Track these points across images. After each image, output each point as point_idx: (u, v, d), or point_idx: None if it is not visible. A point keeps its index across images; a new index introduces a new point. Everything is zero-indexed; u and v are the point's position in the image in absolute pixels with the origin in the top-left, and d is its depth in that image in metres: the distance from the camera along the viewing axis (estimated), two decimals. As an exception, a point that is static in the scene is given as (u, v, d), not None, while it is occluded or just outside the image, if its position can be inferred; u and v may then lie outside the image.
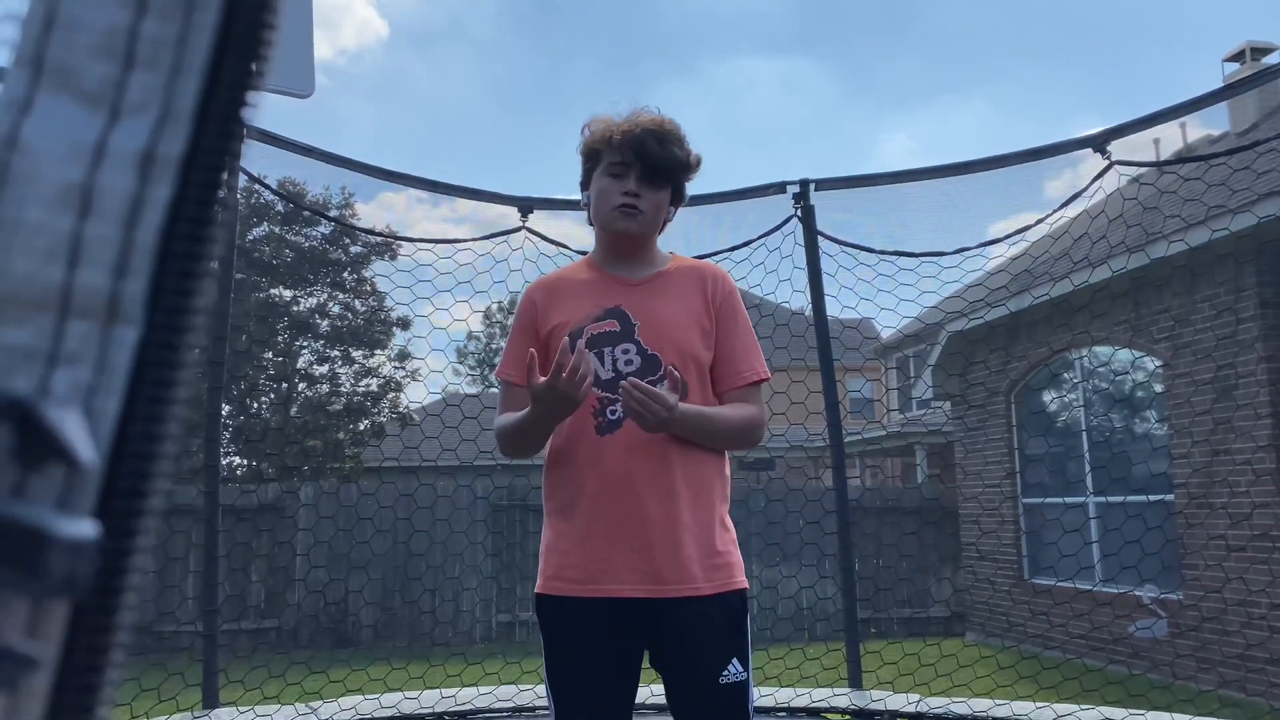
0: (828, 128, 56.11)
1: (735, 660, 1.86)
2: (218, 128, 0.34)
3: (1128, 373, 8.43)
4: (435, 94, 53.08)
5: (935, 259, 4.48)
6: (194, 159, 0.34)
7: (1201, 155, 4.69)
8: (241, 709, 4.11)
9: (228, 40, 0.34)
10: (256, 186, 10.00)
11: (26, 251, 0.32)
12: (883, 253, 4.51)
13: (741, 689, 1.86)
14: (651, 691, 4.54)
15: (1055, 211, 4.07)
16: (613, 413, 1.91)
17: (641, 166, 1.96)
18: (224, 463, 13.61)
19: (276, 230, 13.66)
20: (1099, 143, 4.18)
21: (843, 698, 4.46)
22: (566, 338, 1.86)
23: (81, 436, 0.31)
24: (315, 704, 4.27)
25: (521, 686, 4.50)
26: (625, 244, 2.03)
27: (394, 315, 13.63)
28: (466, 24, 53.02)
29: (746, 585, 1.96)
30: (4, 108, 0.33)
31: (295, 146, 4.43)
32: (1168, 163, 4.29)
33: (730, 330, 2.02)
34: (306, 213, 12.82)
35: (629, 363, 1.94)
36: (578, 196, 2.16)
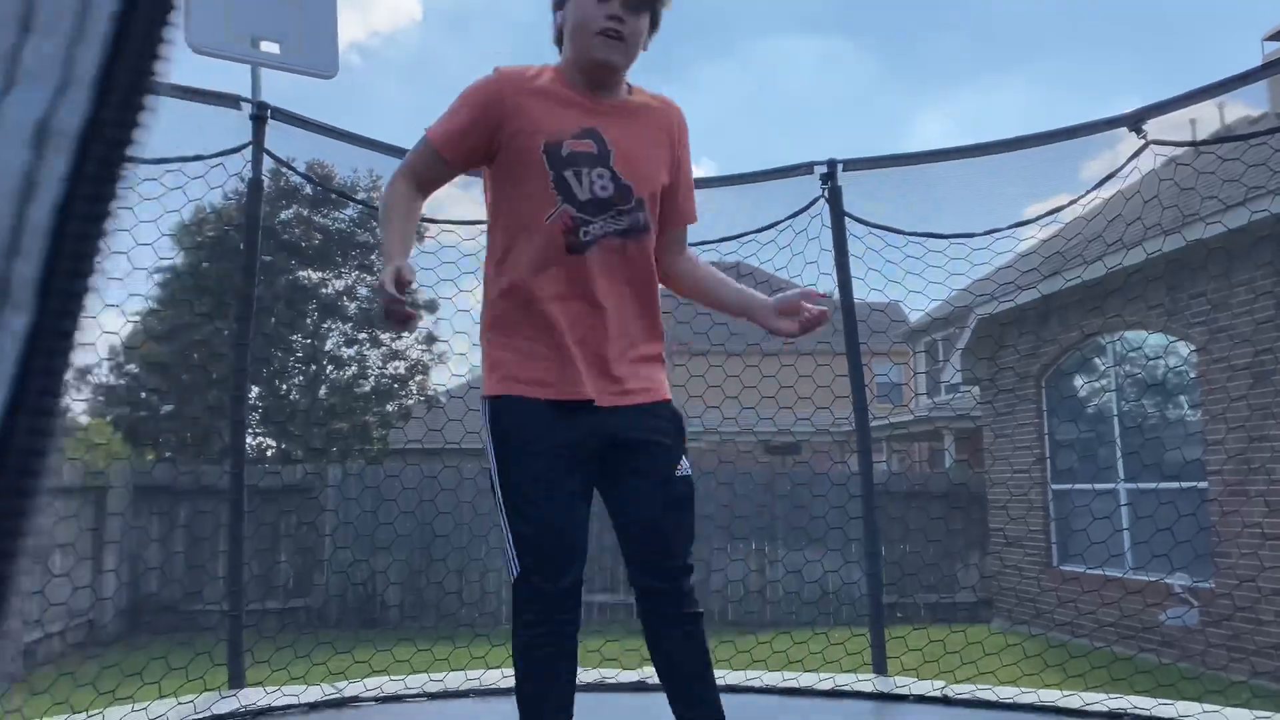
0: (865, 107, 55.67)
1: (684, 458, 2.08)
2: (122, 98, 0.32)
3: (1160, 357, 8.30)
4: (469, 75, 53.10)
5: (965, 241, 4.40)
6: (95, 131, 0.32)
7: (1240, 135, 4.58)
8: (268, 689, 4.14)
9: (134, 4, 0.32)
10: (284, 169, 10.03)
11: None
12: (911, 234, 4.45)
13: (690, 481, 2.08)
14: (641, 674, 4.54)
15: (1088, 193, 3.99)
16: (584, 234, 1.95)
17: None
18: (253, 444, 13.75)
19: (305, 212, 13.71)
20: (1134, 122, 4.09)
21: (866, 683, 4.43)
22: (541, 145, 1.93)
23: None
24: (341, 684, 4.29)
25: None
26: (604, 73, 2.02)
27: (421, 298, 13.66)
28: (501, 5, 52.87)
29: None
30: None
31: (321, 128, 4.41)
32: (1205, 142, 4.19)
33: (685, 171, 2.18)
34: (335, 195, 12.87)
35: (604, 188, 1.97)
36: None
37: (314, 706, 4.08)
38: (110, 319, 4.55)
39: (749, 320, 2.23)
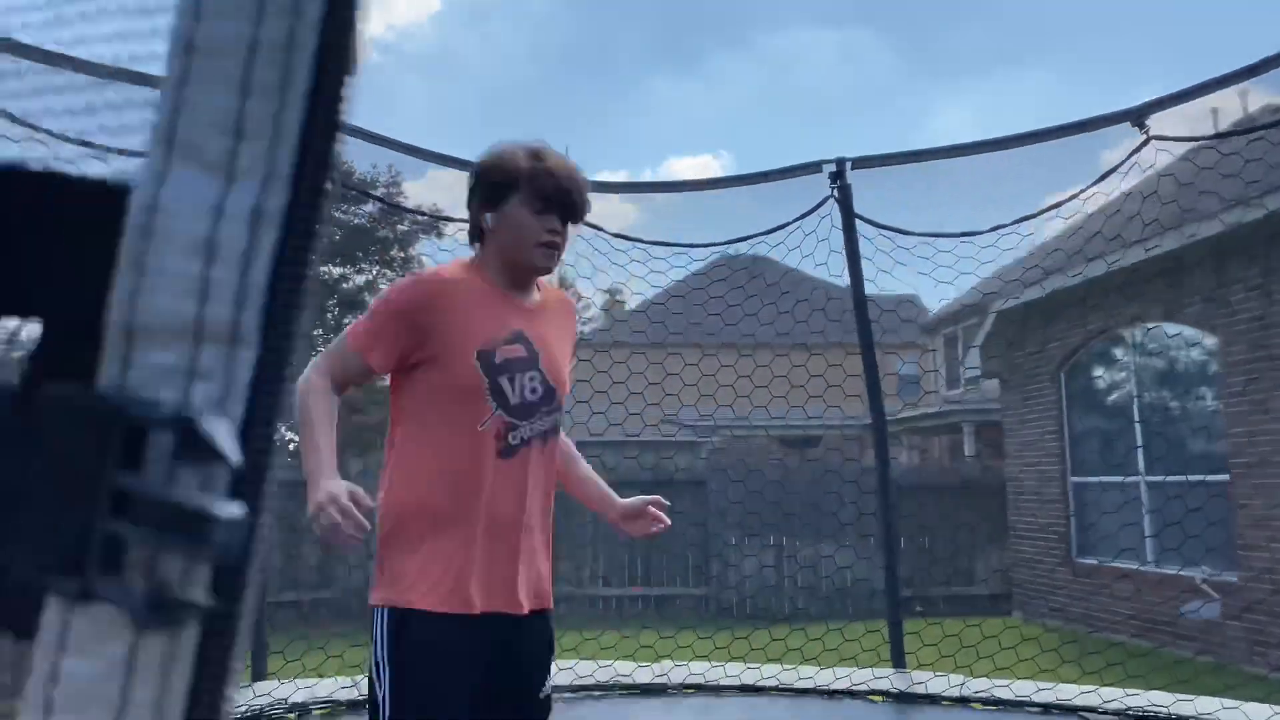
0: (883, 100, 55.23)
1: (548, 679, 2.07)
2: (309, 185, 0.43)
3: (1180, 349, 8.24)
4: (486, 68, 53.02)
5: (972, 238, 4.39)
6: (292, 212, 0.43)
7: (1244, 129, 4.54)
8: (283, 680, 4.19)
9: (314, 113, 0.43)
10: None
11: (168, 291, 0.42)
12: (919, 234, 4.44)
13: (550, 703, 2.06)
14: (617, 671, 4.55)
15: (1089, 187, 3.98)
16: (514, 439, 1.96)
17: (565, 213, 2.02)
18: (275, 436, 13.86)
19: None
20: (1137, 116, 4.06)
21: (884, 680, 4.44)
22: (476, 355, 1.92)
23: (230, 442, 0.41)
24: (358, 678, 4.34)
25: (561, 664, 4.53)
26: (530, 276, 2.07)
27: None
28: (518, -1, 52.71)
29: None
30: (147, 179, 0.42)
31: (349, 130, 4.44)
32: (1207, 137, 4.16)
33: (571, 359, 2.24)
34: (353, 191, 12.93)
35: (534, 391, 2.00)
36: (619, 178, 2.15)
37: (331, 700, 4.13)
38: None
39: (604, 519, 2.30)
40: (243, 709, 3.92)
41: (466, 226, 2.14)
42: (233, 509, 0.40)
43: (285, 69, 0.42)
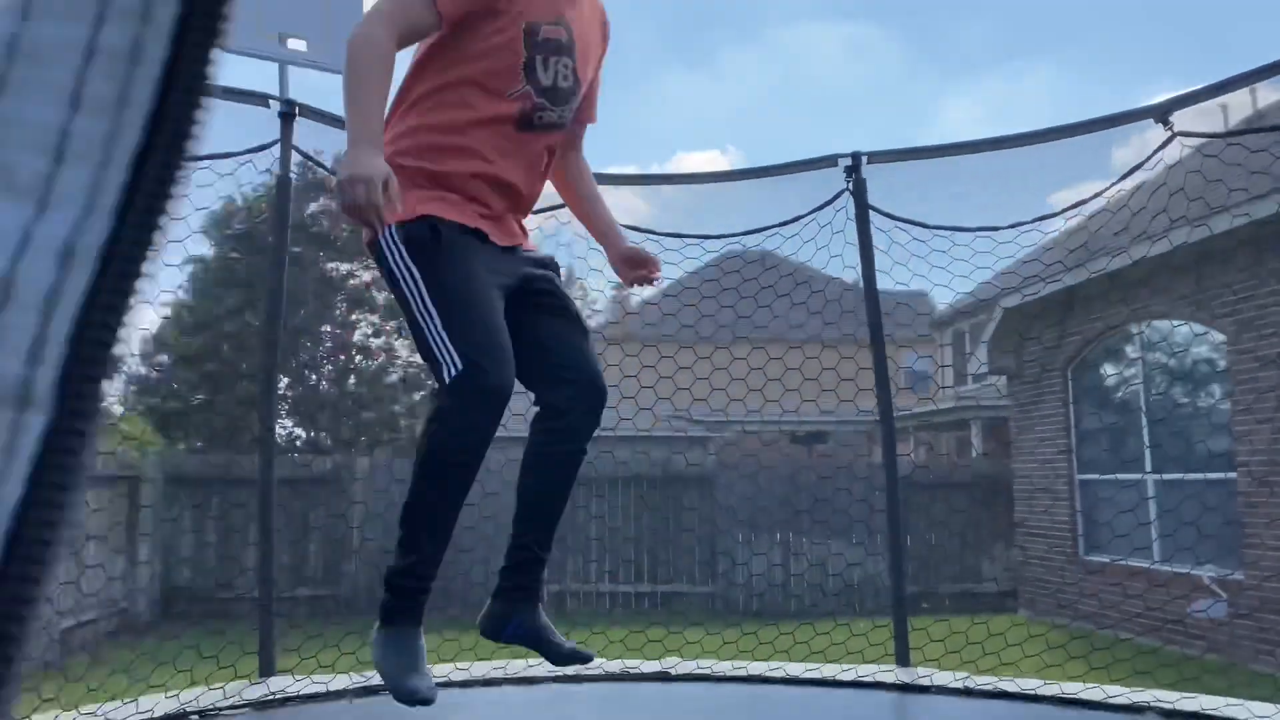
0: (893, 94, 55.06)
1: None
2: (139, 220, 0.36)
3: (1189, 348, 8.22)
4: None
5: (990, 234, 4.39)
6: (113, 251, 0.36)
7: (1267, 127, 4.53)
8: (297, 677, 4.22)
9: (156, 136, 0.36)
10: (311, 163, 10.10)
11: None
12: (936, 228, 4.44)
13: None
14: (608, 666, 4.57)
15: (1113, 185, 3.97)
16: (538, 119, 1.99)
17: None
18: (283, 434, 13.91)
19: (333, 205, 13.84)
20: (1162, 113, 4.06)
21: (889, 674, 4.45)
22: (523, 25, 1.93)
23: None
24: (369, 673, 4.37)
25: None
26: None
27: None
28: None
29: None
30: None
31: (333, 120, 4.46)
32: (1232, 134, 4.16)
33: (599, 73, 2.25)
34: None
35: (565, 79, 2.01)
36: (631, 169, 2.18)
37: (342, 694, 4.16)
38: (143, 312, 4.66)
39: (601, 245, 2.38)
40: (253, 702, 3.95)
41: None
42: None
43: (125, 83, 0.36)
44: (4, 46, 0.35)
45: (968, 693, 4.24)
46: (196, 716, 3.84)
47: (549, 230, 4.77)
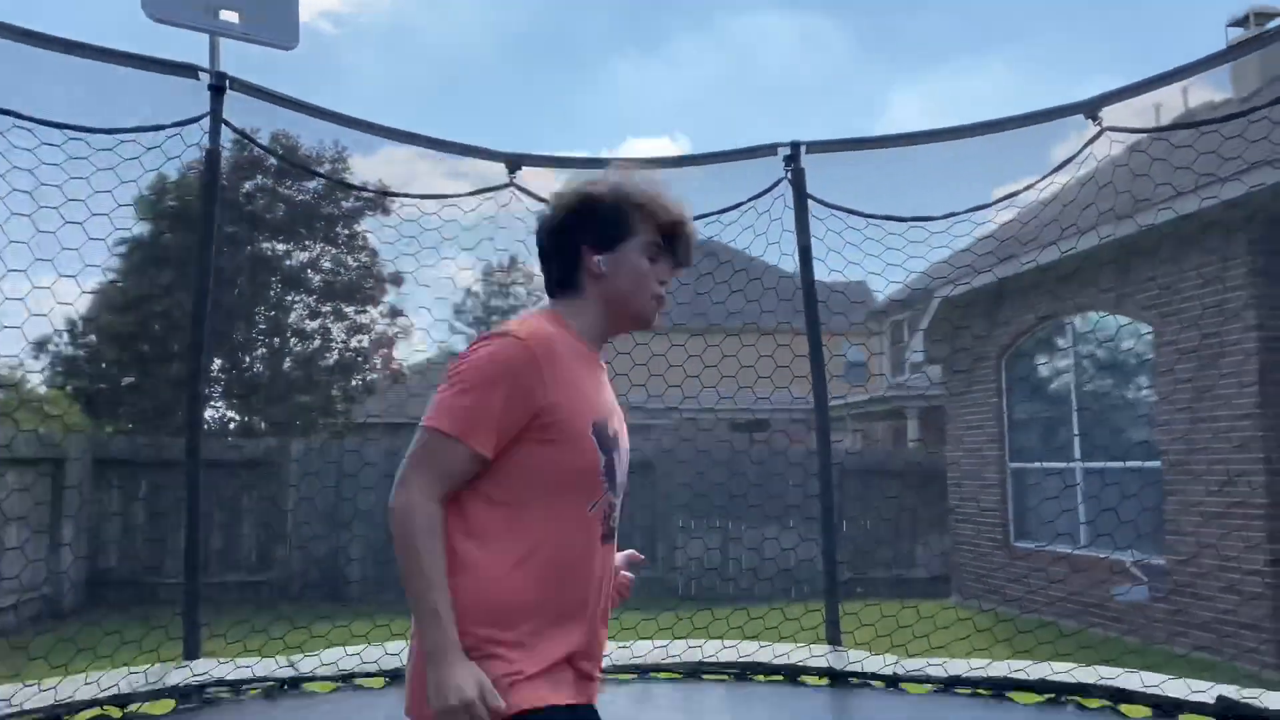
0: (843, 86, 55.30)
1: None
2: None
3: (1114, 339, 8.44)
4: (444, 44, 52.09)
5: (924, 224, 4.46)
6: None
7: (1193, 122, 4.66)
8: (222, 660, 4.15)
9: None
10: (244, 140, 9.86)
11: None
12: (871, 216, 4.50)
13: None
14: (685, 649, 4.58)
15: (1043, 179, 4.06)
16: (612, 521, 1.72)
17: (677, 263, 1.80)
18: (215, 417, 13.62)
19: (269, 184, 13.55)
20: (1090, 109, 4.15)
21: (821, 658, 4.52)
22: (591, 428, 1.64)
23: None
24: (296, 657, 4.31)
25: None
26: (631, 331, 1.82)
27: (386, 271, 13.59)
28: (477, -29, 51.84)
29: None
30: None
31: (282, 100, 4.37)
32: (1159, 129, 4.27)
33: None
34: (293, 167, 12.72)
35: (623, 473, 1.75)
36: (567, 153, 2.02)
37: (269, 679, 4.09)
38: (67, 289, 4.53)
39: None
40: (177, 686, 3.87)
41: (408, 203, 1.95)
42: None
43: None
44: None
45: (895, 676, 4.31)
46: (119, 700, 3.75)
47: (487, 212, 4.74)
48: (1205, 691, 3.95)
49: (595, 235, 1.73)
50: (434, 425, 1.57)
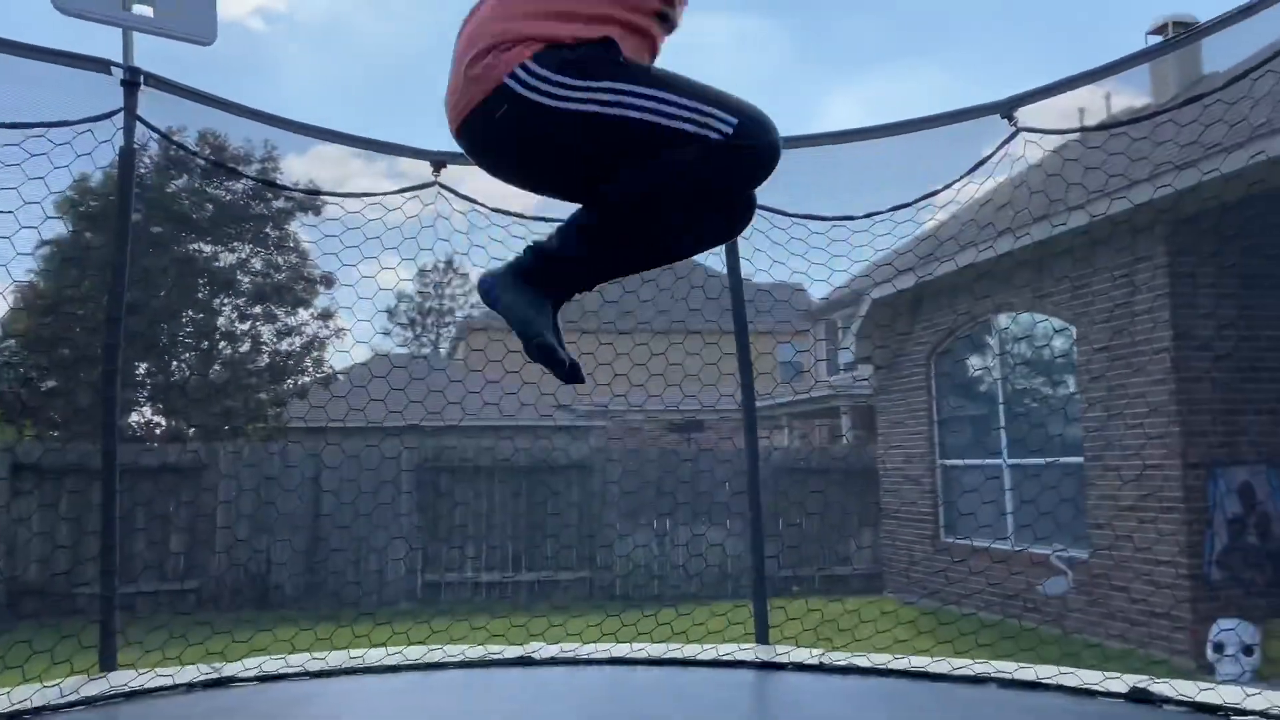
0: (782, 88, 55.73)
1: None
2: None
3: (1041, 338, 8.66)
4: (384, 44, 51.43)
5: (846, 223, 4.52)
6: None
7: (1103, 125, 4.81)
8: (140, 671, 4.05)
9: None
10: (155, 137, 9.62)
11: None
12: (794, 216, 4.55)
13: None
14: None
15: (958, 181, 4.15)
16: (673, 15, 1.85)
17: None
18: (140, 422, 13.29)
19: (197, 183, 13.26)
20: (1007, 109, 4.24)
21: (748, 651, 4.56)
22: None
23: None
24: (219, 664, 4.22)
25: (431, 646, 4.50)
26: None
27: (317, 273, 13.39)
28: (414, -33, 51.22)
29: None
30: None
31: (200, 96, 4.28)
32: (1073, 130, 4.39)
33: None
34: (207, 163, 12.47)
35: None
36: None
37: (190, 687, 4.01)
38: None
39: None
40: (92, 698, 3.77)
41: (329, 202, 1.94)
42: None
43: None
44: None
45: (821, 667, 4.38)
46: (30, 714, 3.64)
47: (427, 219, 4.70)
48: (1118, 679, 4.07)
49: None
50: None
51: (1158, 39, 11.35)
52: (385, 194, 4.58)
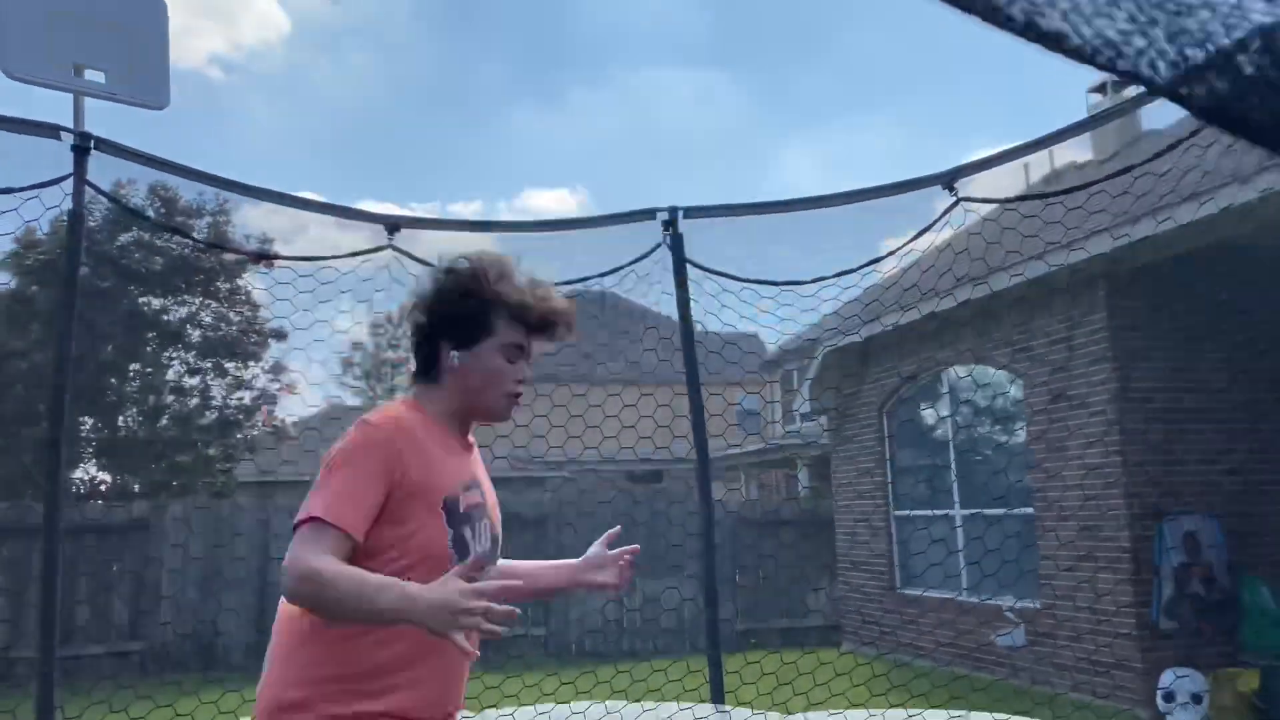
0: (737, 141, 56.62)
1: None
2: None
3: (992, 391, 8.81)
4: (339, 94, 51.49)
5: (794, 288, 4.61)
6: None
7: (1036, 194, 4.98)
8: (79, 747, 3.93)
9: None
10: (122, 193, 9.57)
11: None
12: (745, 281, 4.63)
13: None
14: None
15: (903, 245, 4.26)
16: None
17: (531, 352, 1.87)
18: (86, 479, 12.98)
19: (146, 237, 13.12)
20: (949, 180, 4.39)
21: (705, 718, 4.53)
22: (443, 505, 1.73)
23: None
24: (161, 738, 4.11)
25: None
26: (486, 423, 1.92)
27: (269, 326, 13.26)
28: (373, 25, 51.62)
29: None
30: None
31: (149, 160, 4.27)
32: (1009, 200, 4.53)
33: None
34: (178, 218, 12.39)
35: (484, 541, 1.83)
36: (474, 208, 2.00)
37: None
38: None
39: (569, 589, 2.10)
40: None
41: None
42: None
43: None
44: None
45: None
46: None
47: (365, 274, 4.70)
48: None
49: (454, 332, 1.81)
50: (312, 519, 1.61)
51: (1097, 97, 11.76)
52: (339, 256, 4.58)
